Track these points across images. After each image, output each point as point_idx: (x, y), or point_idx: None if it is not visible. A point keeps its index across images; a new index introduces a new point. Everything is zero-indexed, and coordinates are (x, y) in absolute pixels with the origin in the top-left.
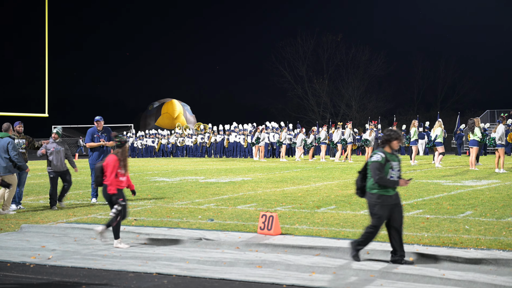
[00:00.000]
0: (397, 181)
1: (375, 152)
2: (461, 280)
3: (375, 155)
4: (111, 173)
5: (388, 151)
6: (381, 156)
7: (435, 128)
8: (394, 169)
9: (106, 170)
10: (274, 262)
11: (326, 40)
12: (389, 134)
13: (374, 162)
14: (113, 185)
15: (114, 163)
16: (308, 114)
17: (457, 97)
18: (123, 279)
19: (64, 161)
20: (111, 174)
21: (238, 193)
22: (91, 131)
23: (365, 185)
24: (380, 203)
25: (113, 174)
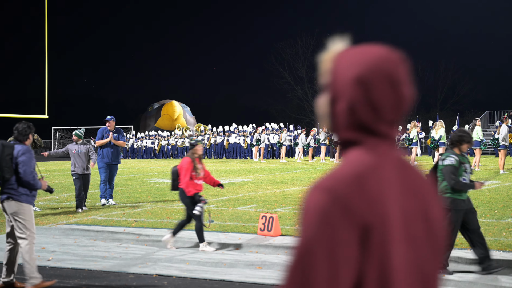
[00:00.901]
0: (474, 184)
1: (447, 155)
2: (461, 281)
3: (448, 158)
4: (185, 175)
5: (458, 153)
6: (455, 159)
7: (438, 129)
8: (467, 172)
9: (180, 173)
10: (275, 263)
11: (326, 41)
12: (461, 136)
13: (448, 166)
14: (190, 187)
15: (188, 165)
16: (308, 115)
17: (457, 98)
18: (123, 280)
19: (86, 164)
20: (185, 176)
21: (238, 194)
22: (102, 130)
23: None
24: (454, 208)
25: (187, 176)
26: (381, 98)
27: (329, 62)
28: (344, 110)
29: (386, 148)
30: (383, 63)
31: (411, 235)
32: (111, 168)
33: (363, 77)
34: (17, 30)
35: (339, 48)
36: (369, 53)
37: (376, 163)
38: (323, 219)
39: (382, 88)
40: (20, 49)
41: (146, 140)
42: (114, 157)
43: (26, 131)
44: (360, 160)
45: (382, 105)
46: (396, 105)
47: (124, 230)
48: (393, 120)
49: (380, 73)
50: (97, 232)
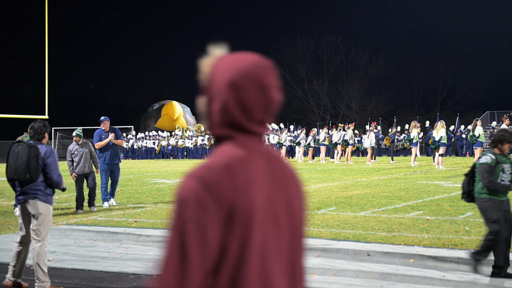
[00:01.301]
0: (509, 185)
1: (484, 153)
2: (462, 281)
3: (484, 157)
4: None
5: (498, 152)
6: (491, 158)
7: (439, 129)
8: (505, 172)
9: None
10: None
11: (326, 41)
12: (503, 135)
13: (483, 164)
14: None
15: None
16: (308, 115)
17: (457, 99)
18: (124, 281)
19: (88, 163)
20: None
21: None
22: (98, 132)
23: (472, 189)
24: (492, 205)
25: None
26: (251, 101)
27: (208, 67)
28: (218, 110)
29: (255, 143)
30: (253, 70)
31: (275, 219)
32: (113, 168)
33: (235, 82)
34: (17, 30)
35: (217, 54)
36: (242, 60)
37: (245, 155)
38: (195, 202)
39: (252, 91)
40: (20, 49)
41: (146, 141)
42: (114, 157)
43: (42, 130)
44: (230, 153)
45: (252, 106)
46: (264, 107)
47: (124, 230)
48: (262, 120)
49: (250, 78)
50: (97, 233)
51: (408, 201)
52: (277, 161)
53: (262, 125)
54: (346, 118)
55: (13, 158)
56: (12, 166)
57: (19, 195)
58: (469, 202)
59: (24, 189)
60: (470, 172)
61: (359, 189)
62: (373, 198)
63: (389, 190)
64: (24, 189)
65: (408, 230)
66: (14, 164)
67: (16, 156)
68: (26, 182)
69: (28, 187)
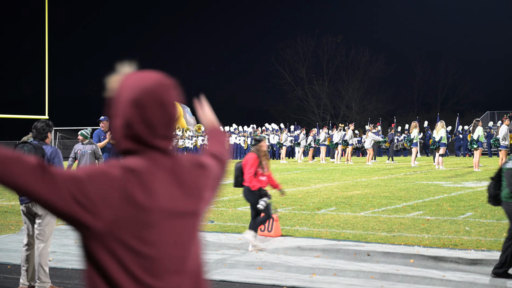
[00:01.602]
0: None
1: (510, 158)
2: (462, 281)
3: (510, 161)
4: (250, 171)
5: None
6: None
7: (439, 129)
8: None
9: (244, 169)
10: (275, 263)
11: (326, 41)
12: None
13: (509, 169)
14: (254, 181)
15: (253, 161)
16: (308, 116)
17: (457, 99)
18: None
19: (93, 163)
20: (250, 171)
21: (238, 195)
22: (97, 133)
23: (499, 193)
24: None
25: (252, 172)
26: (154, 118)
27: (115, 83)
28: (121, 125)
29: (159, 156)
30: (156, 88)
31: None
32: None
33: (138, 100)
34: (17, 30)
35: (125, 72)
36: (145, 79)
37: (148, 167)
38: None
39: (154, 109)
40: (20, 50)
41: None
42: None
43: (44, 129)
44: (135, 163)
45: (155, 123)
46: (166, 123)
47: None
48: (165, 135)
49: (153, 97)
50: None
51: (408, 201)
52: (184, 172)
53: (166, 139)
54: (346, 118)
55: None
56: None
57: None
58: (496, 206)
59: None
60: (497, 176)
61: (359, 189)
62: (373, 198)
63: (389, 190)
64: None
65: (408, 230)
66: None
67: None
68: None
69: None
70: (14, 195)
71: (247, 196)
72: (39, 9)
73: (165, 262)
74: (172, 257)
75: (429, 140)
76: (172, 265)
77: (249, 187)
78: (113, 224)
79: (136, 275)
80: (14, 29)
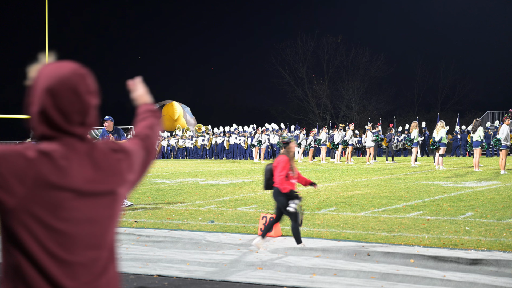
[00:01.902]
0: None
1: None
2: (462, 282)
3: None
4: (281, 174)
5: None
6: None
7: (439, 129)
8: None
9: (274, 171)
10: (275, 263)
11: (326, 41)
12: None
13: None
14: (285, 184)
15: (285, 163)
16: (308, 116)
17: (457, 99)
18: (124, 281)
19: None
20: (282, 174)
21: (239, 195)
22: (101, 133)
23: None
24: None
25: (283, 174)
26: (67, 106)
27: (34, 73)
28: (37, 112)
29: (76, 142)
30: (70, 77)
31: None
32: None
33: (52, 88)
34: (17, 30)
35: (43, 62)
36: (60, 69)
37: (63, 151)
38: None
39: (68, 97)
40: (21, 50)
41: None
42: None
43: None
44: (50, 147)
45: (69, 111)
46: (81, 111)
47: (125, 230)
48: (82, 122)
49: (66, 85)
50: None
51: (408, 201)
52: (101, 156)
53: (82, 126)
54: (346, 118)
55: None
56: None
57: None
58: None
59: None
60: None
61: (359, 189)
62: (374, 198)
63: (390, 190)
64: None
65: (408, 230)
66: None
67: None
68: None
69: None
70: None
71: (277, 197)
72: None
73: (80, 238)
74: (87, 233)
75: (428, 140)
76: (87, 241)
77: (280, 188)
78: (27, 200)
79: (51, 249)
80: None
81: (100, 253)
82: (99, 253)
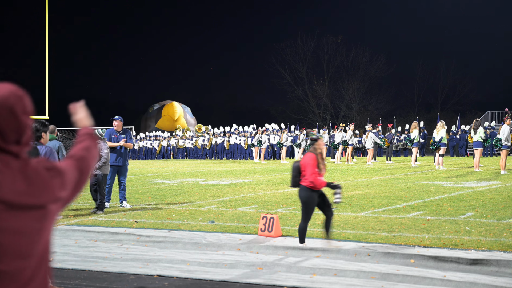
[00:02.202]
0: None
1: None
2: (462, 282)
3: None
4: (310, 170)
5: None
6: None
7: (439, 129)
8: None
9: (304, 169)
10: (275, 263)
11: (326, 41)
12: None
13: None
14: (315, 182)
15: (313, 161)
16: (309, 116)
17: (458, 99)
18: (124, 281)
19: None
20: (311, 174)
21: (239, 195)
22: (109, 132)
23: None
24: None
25: (312, 172)
26: (4, 126)
27: None
28: None
29: (10, 158)
30: (7, 99)
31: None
32: (120, 170)
33: None
34: (18, 31)
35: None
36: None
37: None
38: None
39: (5, 117)
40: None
41: (146, 141)
42: (123, 159)
43: (38, 129)
44: None
45: (5, 130)
46: (18, 131)
47: (125, 230)
48: (18, 140)
49: (4, 105)
50: (97, 233)
51: (408, 201)
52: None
53: (18, 144)
54: (347, 118)
55: None
56: None
57: None
58: None
59: None
60: None
61: (359, 189)
62: (374, 198)
63: (390, 190)
64: None
65: (408, 230)
66: None
67: None
68: None
69: None
70: None
71: (304, 194)
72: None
73: (7, 248)
74: (15, 243)
75: (427, 140)
76: (14, 251)
77: (309, 186)
78: None
79: None
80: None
81: (27, 263)
82: (26, 263)
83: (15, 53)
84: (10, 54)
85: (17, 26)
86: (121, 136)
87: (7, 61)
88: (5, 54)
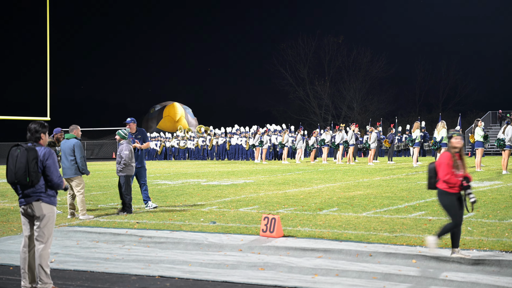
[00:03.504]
0: None
1: None
2: (464, 282)
3: None
4: (445, 172)
5: None
6: None
7: (440, 130)
8: None
9: (438, 170)
10: (277, 264)
11: (327, 42)
12: None
13: None
14: (452, 183)
15: (448, 160)
16: (310, 116)
17: (459, 99)
18: (126, 282)
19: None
20: (445, 174)
21: (240, 195)
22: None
23: None
24: None
25: (447, 173)
26: None
27: None
28: None
29: None
30: None
31: None
32: (139, 171)
33: None
34: (18, 31)
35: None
36: None
37: None
38: None
39: None
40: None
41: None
42: (140, 160)
43: (37, 130)
44: None
45: None
46: None
47: (127, 231)
48: None
49: None
50: (99, 234)
51: (410, 201)
52: None
53: None
54: (348, 118)
55: (12, 162)
56: (12, 170)
57: (22, 198)
58: None
59: (26, 192)
60: None
61: (361, 189)
62: (375, 199)
63: (391, 191)
64: (26, 192)
65: (410, 230)
66: (14, 168)
67: (15, 159)
68: (27, 185)
69: (30, 190)
70: (15, 196)
71: (441, 198)
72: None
73: None
74: None
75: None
76: None
77: (444, 189)
78: None
79: None
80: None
81: None
82: None
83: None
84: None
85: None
86: (136, 139)
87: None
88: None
